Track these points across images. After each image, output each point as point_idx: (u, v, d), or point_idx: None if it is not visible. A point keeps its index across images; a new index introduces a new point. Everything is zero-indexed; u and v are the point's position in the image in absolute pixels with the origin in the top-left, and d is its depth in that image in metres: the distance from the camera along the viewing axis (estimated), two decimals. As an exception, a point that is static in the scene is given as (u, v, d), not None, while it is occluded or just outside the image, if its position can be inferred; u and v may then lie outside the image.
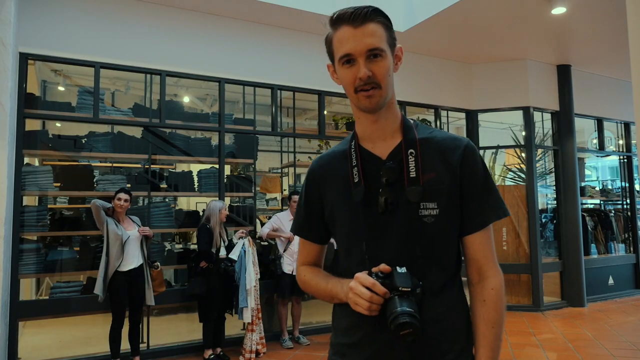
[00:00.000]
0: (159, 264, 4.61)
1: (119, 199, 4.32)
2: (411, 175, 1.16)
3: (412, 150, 1.18)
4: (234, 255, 4.72)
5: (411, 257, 1.15)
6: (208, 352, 4.69)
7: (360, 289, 1.09)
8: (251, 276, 4.68)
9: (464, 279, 1.27)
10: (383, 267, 1.11)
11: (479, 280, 1.22)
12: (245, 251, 4.75)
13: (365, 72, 1.12)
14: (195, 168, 5.91)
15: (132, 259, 4.31)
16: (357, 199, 1.20)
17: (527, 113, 7.02)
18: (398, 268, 1.10)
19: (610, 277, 7.60)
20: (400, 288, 1.05)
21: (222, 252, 4.74)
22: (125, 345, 4.39)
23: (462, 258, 1.26)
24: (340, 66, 1.17)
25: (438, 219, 1.16)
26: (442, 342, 1.16)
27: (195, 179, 5.60)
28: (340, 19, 1.16)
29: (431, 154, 1.20)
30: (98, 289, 4.17)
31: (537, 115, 7.22)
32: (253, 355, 4.71)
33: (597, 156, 9.45)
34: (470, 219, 1.21)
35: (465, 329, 1.21)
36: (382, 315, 1.07)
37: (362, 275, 1.11)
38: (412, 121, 1.27)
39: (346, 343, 1.24)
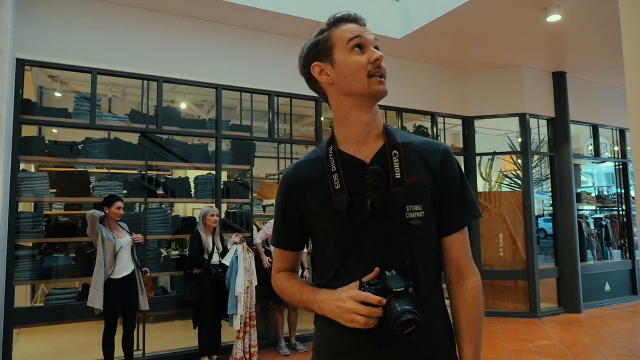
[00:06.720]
0: (147, 269, 4.60)
1: (118, 208, 4.30)
2: (396, 177, 1.16)
3: (395, 152, 1.19)
4: (226, 261, 4.71)
5: (400, 261, 1.15)
6: (204, 359, 4.66)
7: (357, 306, 1.06)
8: (239, 282, 4.65)
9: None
10: (374, 272, 1.10)
11: (458, 279, 1.24)
12: (237, 257, 4.73)
13: (380, 54, 1.16)
14: (192, 174, 5.89)
15: (125, 266, 4.29)
16: (341, 206, 1.17)
17: (523, 119, 7.06)
18: (387, 272, 1.10)
19: (607, 283, 7.61)
20: (394, 290, 1.06)
21: (216, 258, 4.73)
22: (120, 352, 4.36)
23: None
24: (349, 52, 1.17)
25: (423, 221, 1.17)
26: (431, 344, 1.18)
27: (192, 185, 5.60)
28: (343, 19, 1.21)
29: (412, 157, 1.21)
30: (96, 302, 4.06)
31: (533, 122, 7.27)
32: None
33: (593, 162, 9.49)
34: (450, 220, 1.22)
35: (448, 329, 1.24)
36: (380, 323, 1.07)
37: (353, 291, 1.09)
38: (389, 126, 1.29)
39: (334, 351, 1.21)
